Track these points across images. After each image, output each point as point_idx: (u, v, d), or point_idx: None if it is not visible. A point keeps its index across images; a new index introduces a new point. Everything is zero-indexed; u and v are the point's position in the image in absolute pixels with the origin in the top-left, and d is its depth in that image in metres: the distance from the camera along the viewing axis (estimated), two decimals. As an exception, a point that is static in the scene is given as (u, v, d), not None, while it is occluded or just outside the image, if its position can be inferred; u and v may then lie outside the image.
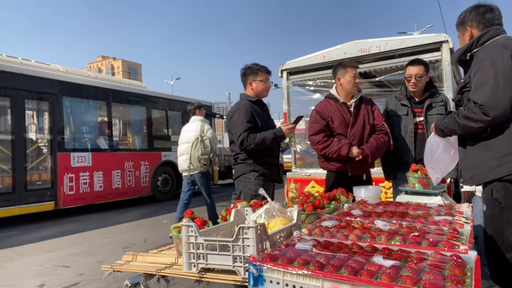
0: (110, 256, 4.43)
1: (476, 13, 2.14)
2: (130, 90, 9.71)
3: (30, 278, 3.76)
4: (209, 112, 12.10)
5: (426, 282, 1.00)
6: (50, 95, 7.69)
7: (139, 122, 10.05)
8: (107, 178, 8.60)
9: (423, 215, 1.83)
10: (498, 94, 1.89)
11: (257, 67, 3.09)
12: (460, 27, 2.25)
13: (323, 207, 2.16)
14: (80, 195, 8.01)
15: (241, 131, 2.86)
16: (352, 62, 3.21)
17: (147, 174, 9.64)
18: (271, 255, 1.29)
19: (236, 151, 3.04)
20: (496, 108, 1.89)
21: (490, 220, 2.02)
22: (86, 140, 8.59)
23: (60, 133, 7.81)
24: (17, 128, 7.09)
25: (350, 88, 3.09)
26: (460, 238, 1.43)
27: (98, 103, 8.92)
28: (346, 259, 1.20)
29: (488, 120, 1.93)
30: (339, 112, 3.10)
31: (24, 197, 7.07)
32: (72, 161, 7.92)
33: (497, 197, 1.95)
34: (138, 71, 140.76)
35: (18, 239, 5.75)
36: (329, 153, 3.03)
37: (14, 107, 7.08)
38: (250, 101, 3.02)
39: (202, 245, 1.56)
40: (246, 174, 2.98)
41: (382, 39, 4.62)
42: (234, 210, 1.95)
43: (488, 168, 1.98)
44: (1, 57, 7.52)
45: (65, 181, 7.72)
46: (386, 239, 1.43)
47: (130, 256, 1.95)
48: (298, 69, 5.22)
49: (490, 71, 1.93)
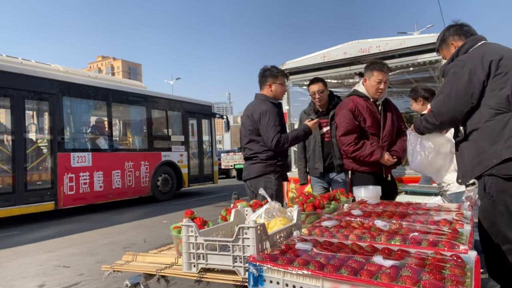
0: (110, 256, 4.43)
1: (454, 29, 2.33)
2: (130, 90, 9.73)
3: (30, 278, 3.76)
4: (209, 112, 12.12)
5: (426, 282, 1.00)
6: (50, 95, 7.70)
7: (139, 122, 10.07)
8: (107, 178, 8.61)
9: (423, 215, 1.83)
10: (448, 104, 2.12)
11: (277, 70, 3.20)
12: (443, 45, 2.40)
13: (323, 207, 2.16)
14: (80, 195, 8.01)
15: (275, 133, 2.96)
16: (381, 66, 3.04)
17: (147, 174, 9.65)
18: (271, 255, 1.28)
19: (256, 150, 3.06)
20: (443, 115, 2.16)
21: (484, 214, 2.07)
22: (86, 140, 8.62)
23: (60, 133, 7.82)
24: (17, 128, 7.09)
25: (373, 93, 3.06)
26: (460, 238, 1.43)
27: (98, 103, 8.94)
28: (346, 259, 1.20)
29: (436, 124, 2.24)
30: (370, 111, 3.06)
31: (24, 197, 7.06)
32: (72, 161, 7.93)
33: (489, 191, 2.01)
34: (138, 71, 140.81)
35: (18, 239, 5.75)
36: (360, 156, 3.00)
37: (14, 107, 7.08)
38: (273, 103, 3.12)
39: (202, 245, 1.56)
40: (267, 174, 3.05)
41: (382, 39, 4.62)
42: (234, 210, 1.95)
43: (471, 167, 2.09)
44: (1, 57, 7.52)
45: (65, 181, 7.73)
46: (386, 239, 1.43)
47: (130, 256, 1.95)
48: (298, 69, 5.22)
49: (449, 81, 2.15)
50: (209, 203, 9.28)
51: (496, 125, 1.99)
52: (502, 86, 1.99)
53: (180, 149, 10.79)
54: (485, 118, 2.02)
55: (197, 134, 11.67)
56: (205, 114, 11.95)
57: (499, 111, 1.99)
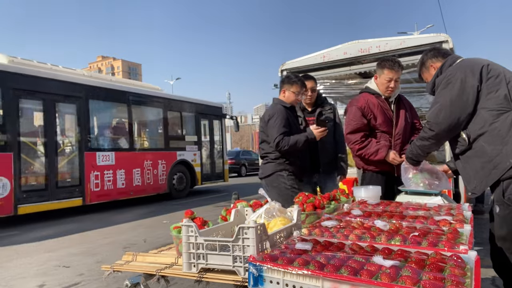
0: (110, 256, 4.42)
1: (432, 52, 2.41)
2: (149, 93, 10.27)
3: (30, 278, 3.76)
4: (220, 113, 12.62)
5: (426, 282, 1.00)
6: (77, 99, 8.23)
7: (157, 123, 10.57)
8: (129, 176, 9.09)
9: (423, 215, 1.83)
10: (443, 113, 2.10)
11: (295, 79, 3.22)
12: (423, 68, 2.45)
13: (323, 207, 2.16)
14: (104, 192, 8.51)
15: (277, 134, 3.01)
16: (392, 64, 2.93)
17: (164, 172, 10.12)
18: (271, 255, 1.28)
19: (267, 150, 3.17)
20: (439, 124, 2.13)
21: (504, 221, 2.00)
22: (110, 140, 9.14)
23: (86, 133, 8.34)
24: (49, 130, 7.66)
25: (383, 90, 2.99)
26: (460, 238, 1.43)
27: (119, 106, 9.47)
28: (346, 259, 1.20)
29: (432, 134, 2.19)
30: (381, 109, 2.98)
31: (55, 193, 7.58)
32: (98, 160, 8.44)
33: (509, 197, 1.94)
34: (138, 71, 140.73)
35: (18, 239, 5.75)
36: (365, 154, 2.95)
37: (46, 110, 7.62)
38: (284, 107, 3.16)
39: (202, 245, 1.56)
40: (278, 172, 3.11)
41: (382, 39, 4.62)
42: (234, 210, 1.95)
43: (485, 174, 2.03)
44: (33, 63, 8.08)
45: (91, 178, 8.23)
46: (386, 239, 1.43)
47: (130, 256, 1.95)
48: (298, 69, 5.22)
49: (441, 91, 2.15)
50: (209, 203, 9.29)
51: (502, 126, 1.96)
52: (497, 88, 2.01)
53: (194, 149, 11.29)
54: (489, 121, 1.99)
55: (209, 134, 12.18)
56: (216, 115, 12.46)
57: (501, 110, 1.98)
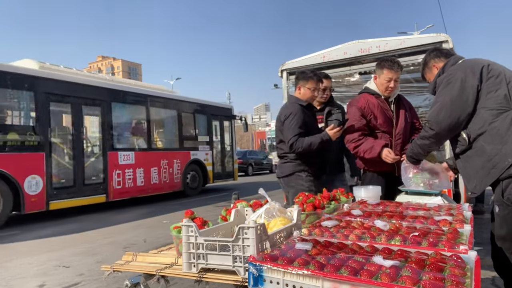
0: (110, 256, 4.42)
1: (434, 52, 2.43)
2: (165, 96, 10.86)
3: (30, 278, 3.76)
4: (230, 114, 13.13)
5: (426, 282, 1.00)
6: (101, 101, 8.75)
7: (172, 124, 11.01)
8: (147, 174, 9.65)
9: (423, 215, 1.83)
10: (444, 112, 2.12)
11: (310, 74, 3.15)
12: (426, 69, 2.49)
13: (323, 207, 2.16)
14: (126, 189, 9.06)
15: (292, 135, 2.97)
16: (391, 64, 2.94)
17: (179, 171, 10.67)
18: (271, 255, 1.28)
19: (285, 150, 3.12)
20: (439, 124, 2.14)
21: (503, 221, 2.01)
22: (130, 140, 9.69)
23: (109, 134, 8.88)
24: (76, 130, 8.17)
25: (383, 90, 2.99)
26: (460, 238, 1.43)
27: (139, 108, 10.01)
28: (346, 259, 1.20)
29: (433, 134, 2.21)
30: (381, 109, 2.99)
31: (82, 190, 8.11)
32: (120, 159, 8.99)
33: (508, 197, 1.94)
34: (138, 71, 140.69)
35: (18, 238, 5.76)
36: (360, 151, 2.93)
37: (74, 112, 8.17)
38: (301, 106, 3.11)
39: (202, 245, 1.56)
40: (297, 173, 3.09)
41: (382, 39, 4.62)
42: (234, 210, 1.94)
43: (485, 173, 2.04)
44: (60, 68, 8.71)
45: (114, 176, 8.78)
46: (386, 239, 1.43)
47: (130, 256, 1.95)
48: (298, 69, 5.20)
49: (442, 91, 2.17)
50: (209, 203, 9.30)
51: (501, 125, 1.98)
52: (497, 88, 2.02)
53: (206, 148, 11.85)
54: (489, 120, 2.00)
55: (219, 134, 12.73)
56: (226, 116, 12.96)
57: (501, 110, 1.99)
